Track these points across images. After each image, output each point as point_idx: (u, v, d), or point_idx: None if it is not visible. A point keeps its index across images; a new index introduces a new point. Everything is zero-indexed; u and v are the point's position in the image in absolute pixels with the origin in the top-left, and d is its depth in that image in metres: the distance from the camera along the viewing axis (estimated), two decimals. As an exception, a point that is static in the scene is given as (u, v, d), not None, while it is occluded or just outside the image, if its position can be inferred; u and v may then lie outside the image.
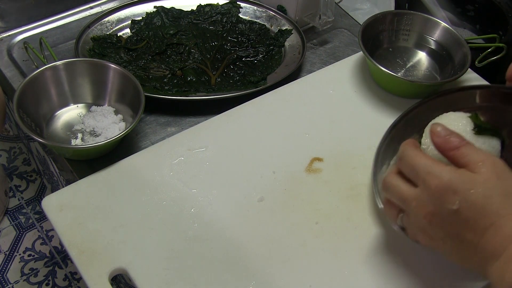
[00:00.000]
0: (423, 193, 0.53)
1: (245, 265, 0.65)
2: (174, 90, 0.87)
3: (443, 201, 0.52)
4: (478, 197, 0.51)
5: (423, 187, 0.53)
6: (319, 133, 0.80)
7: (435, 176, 0.52)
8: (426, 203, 0.53)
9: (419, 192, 0.54)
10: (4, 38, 0.96)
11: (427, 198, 0.53)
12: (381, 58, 0.89)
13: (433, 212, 0.52)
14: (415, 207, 0.54)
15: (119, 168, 0.74)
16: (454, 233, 0.52)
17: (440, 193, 0.52)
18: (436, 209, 0.52)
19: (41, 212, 1.47)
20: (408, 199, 0.55)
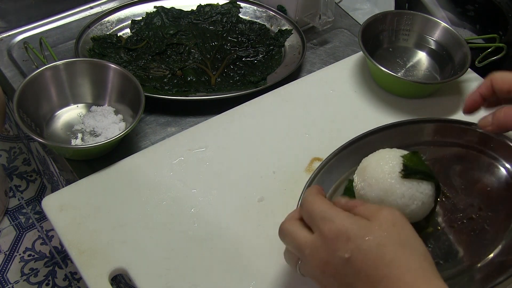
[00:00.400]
0: (317, 240, 0.51)
1: (245, 265, 0.65)
2: (174, 90, 0.87)
3: (336, 248, 0.49)
4: (372, 246, 0.48)
5: (317, 233, 0.51)
6: (319, 133, 0.80)
7: (328, 220, 0.50)
8: (319, 250, 0.50)
9: (314, 238, 0.51)
10: (4, 38, 0.96)
11: (321, 244, 0.50)
12: (381, 58, 0.89)
13: (326, 261, 0.50)
14: (308, 254, 0.51)
15: (119, 168, 0.74)
16: (347, 284, 0.49)
17: (333, 239, 0.49)
18: (328, 257, 0.49)
19: (41, 212, 1.47)
20: (302, 246, 0.52)
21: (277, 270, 0.65)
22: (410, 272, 0.47)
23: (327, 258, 0.50)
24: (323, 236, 0.50)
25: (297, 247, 0.53)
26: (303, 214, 0.54)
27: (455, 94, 0.86)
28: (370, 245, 0.48)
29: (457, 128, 0.73)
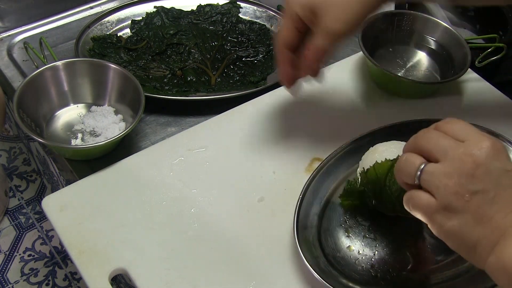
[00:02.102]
0: (473, 145, 0.50)
1: (245, 265, 0.65)
2: (174, 90, 0.87)
3: (497, 158, 0.49)
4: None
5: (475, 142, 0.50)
6: (319, 133, 0.80)
7: (491, 138, 0.50)
8: (478, 154, 0.49)
9: (468, 143, 0.50)
10: (4, 38, 0.96)
11: (478, 151, 0.49)
12: (381, 58, 0.89)
13: (483, 164, 0.48)
14: (462, 153, 0.49)
15: (119, 168, 0.74)
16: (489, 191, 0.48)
17: (495, 151, 0.49)
18: (486, 162, 0.49)
19: (41, 212, 1.47)
20: (453, 146, 0.50)
21: (277, 270, 0.65)
22: None
23: (485, 163, 0.49)
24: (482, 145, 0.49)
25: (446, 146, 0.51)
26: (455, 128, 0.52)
27: (455, 94, 0.86)
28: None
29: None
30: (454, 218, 0.49)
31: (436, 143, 0.51)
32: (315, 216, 0.68)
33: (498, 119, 0.81)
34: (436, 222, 0.51)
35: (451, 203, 0.49)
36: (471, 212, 0.49)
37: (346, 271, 0.63)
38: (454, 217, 0.49)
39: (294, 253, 0.66)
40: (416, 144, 0.53)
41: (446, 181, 0.49)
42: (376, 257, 0.65)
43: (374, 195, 0.65)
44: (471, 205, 0.49)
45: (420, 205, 0.52)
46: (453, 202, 0.49)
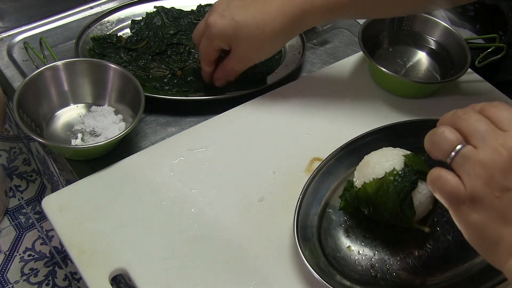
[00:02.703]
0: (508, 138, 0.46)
1: (245, 265, 0.65)
2: (174, 90, 0.87)
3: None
4: None
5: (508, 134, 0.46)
6: (319, 133, 0.80)
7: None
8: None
9: (508, 135, 0.46)
10: (4, 38, 0.96)
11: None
12: (381, 58, 0.89)
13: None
14: (500, 144, 0.46)
15: (119, 168, 0.74)
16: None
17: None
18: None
19: (41, 212, 1.47)
20: (492, 134, 0.46)
21: (277, 270, 0.65)
22: None
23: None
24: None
25: (486, 130, 0.47)
26: (498, 110, 0.48)
27: (455, 94, 0.86)
28: None
29: None
30: (480, 212, 0.46)
31: (475, 127, 0.47)
32: (315, 216, 0.68)
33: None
34: (460, 212, 0.48)
35: (480, 195, 0.46)
36: (499, 210, 0.45)
37: (346, 271, 0.63)
38: (480, 210, 0.46)
39: (294, 253, 0.66)
40: (454, 122, 0.50)
41: (479, 171, 0.46)
42: (376, 257, 0.65)
43: (369, 211, 0.65)
44: (501, 202, 0.45)
45: (446, 189, 0.48)
46: (482, 195, 0.46)
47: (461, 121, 0.49)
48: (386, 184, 0.62)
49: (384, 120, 0.78)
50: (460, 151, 0.47)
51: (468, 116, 0.49)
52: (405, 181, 0.61)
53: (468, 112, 0.49)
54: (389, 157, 0.63)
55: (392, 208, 0.62)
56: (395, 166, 0.62)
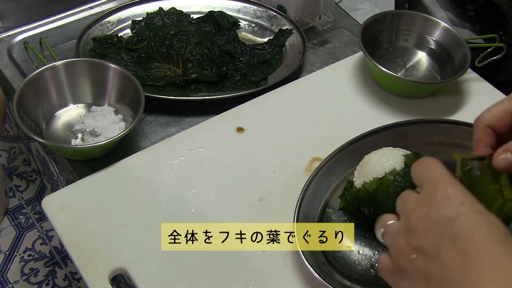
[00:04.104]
0: (424, 196, 0.46)
1: (245, 265, 0.65)
2: (174, 90, 0.87)
3: (443, 207, 0.44)
4: (483, 221, 0.43)
5: (428, 192, 0.46)
6: (319, 133, 0.80)
7: (446, 182, 0.45)
8: (423, 204, 0.45)
9: (422, 195, 0.47)
10: (4, 38, 0.96)
11: (426, 200, 0.46)
12: (381, 58, 0.89)
13: (425, 214, 0.45)
14: (410, 208, 0.46)
15: (119, 168, 0.74)
16: (435, 246, 0.43)
17: (444, 198, 0.44)
18: (430, 212, 0.44)
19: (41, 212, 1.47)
20: (408, 201, 0.47)
21: (277, 270, 0.65)
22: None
23: (428, 213, 0.44)
24: (433, 194, 0.45)
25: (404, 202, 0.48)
26: (416, 172, 0.48)
27: (455, 94, 0.86)
28: (481, 219, 0.43)
29: (457, 129, 0.73)
30: (406, 280, 0.45)
31: (401, 197, 0.49)
32: (315, 216, 0.68)
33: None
34: (393, 286, 0.47)
35: (399, 263, 0.45)
36: (419, 273, 0.44)
37: (346, 271, 0.63)
38: (406, 278, 0.45)
39: (294, 253, 0.66)
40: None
41: (395, 240, 0.46)
42: (376, 257, 0.65)
43: (369, 211, 0.65)
44: (417, 264, 0.44)
45: (380, 267, 0.48)
46: (401, 262, 0.45)
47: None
48: (386, 184, 0.62)
49: (384, 120, 0.78)
50: (387, 227, 0.48)
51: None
52: (405, 180, 0.61)
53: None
54: (389, 157, 0.63)
55: (392, 208, 0.61)
56: (395, 166, 0.62)
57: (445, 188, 0.45)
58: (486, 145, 0.53)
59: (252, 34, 0.99)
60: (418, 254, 0.44)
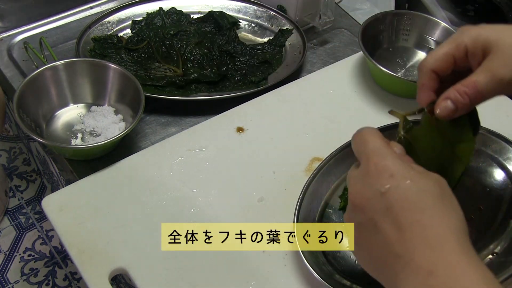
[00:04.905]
0: (360, 171, 0.48)
1: (245, 265, 0.65)
2: (174, 90, 0.87)
3: (375, 181, 0.45)
4: (413, 188, 0.44)
5: (363, 165, 0.48)
6: (319, 133, 0.80)
7: (379, 155, 0.47)
8: (358, 181, 0.47)
9: (359, 170, 0.48)
10: (4, 38, 0.96)
11: (361, 175, 0.47)
12: (381, 58, 0.89)
13: (360, 191, 0.46)
14: (351, 185, 0.48)
15: (119, 168, 0.74)
16: (372, 221, 0.45)
17: (375, 173, 0.46)
18: (364, 188, 0.46)
19: (41, 212, 1.47)
20: (350, 177, 0.49)
21: (277, 270, 0.65)
22: (444, 228, 0.43)
23: (362, 189, 0.46)
24: (367, 169, 0.47)
25: (347, 177, 0.50)
26: (355, 144, 0.50)
27: (455, 94, 0.86)
28: (411, 187, 0.44)
29: None
30: (357, 250, 0.48)
31: (348, 173, 0.50)
32: (315, 216, 0.68)
33: (498, 119, 0.81)
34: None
35: (350, 236, 0.48)
36: (365, 247, 0.47)
37: (346, 271, 0.63)
38: (356, 249, 0.48)
39: (294, 252, 0.66)
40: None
41: (345, 216, 0.49)
42: (376, 257, 0.65)
43: None
44: (361, 240, 0.47)
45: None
46: (356, 237, 0.48)
47: None
48: None
49: (384, 120, 0.78)
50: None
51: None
52: None
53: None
54: None
55: None
56: None
57: (376, 162, 0.46)
58: (430, 89, 0.55)
59: (252, 34, 0.99)
60: (360, 229, 0.46)
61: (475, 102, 0.52)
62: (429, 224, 0.43)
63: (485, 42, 0.53)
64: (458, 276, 0.40)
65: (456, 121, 0.53)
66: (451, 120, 0.53)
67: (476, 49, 0.53)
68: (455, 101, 0.52)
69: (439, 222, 0.43)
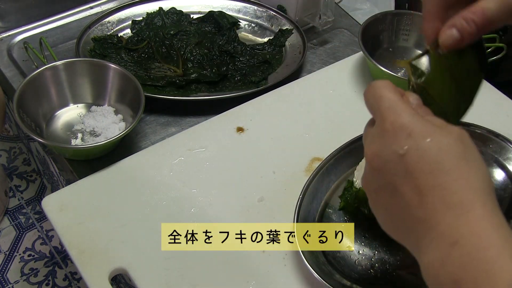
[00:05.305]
0: (376, 130, 0.45)
1: (245, 265, 0.65)
2: (174, 90, 0.87)
3: (392, 142, 0.43)
4: (433, 148, 0.41)
5: (378, 123, 0.45)
6: (319, 133, 0.80)
7: (394, 112, 0.44)
8: (375, 140, 0.44)
9: (375, 128, 0.45)
10: (4, 38, 0.96)
11: (378, 135, 0.44)
12: (381, 58, 0.89)
13: (377, 153, 0.44)
14: (367, 144, 0.45)
15: (119, 168, 0.74)
16: (391, 184, 0.43)
17: (392, 132, 0.43)
18: (381, 149, 0.43)
19: (41, 212, 1.47)
20: (367, 135, 0.47)
21: (277, 270, 0.65)
22: (469, 192, 0.40)
23: (379, 149, 0.43)
24: (383, 128, 0.44)
25: (363, 139, 0.47)
26: (367, 100, 0.47)
27: (455, 94, 0.86)
28: (431, 147, 0.41)
29: None
30: (378, 215, 0.47)
31: (364, 130, 0.48)
32: (315, 216, 0.68)
33: (498, 119, 0.81)
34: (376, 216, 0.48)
35: (371, 201, 0.47)
36: (384, 210, 0.45)
37: (346, 271, 0.63)
38: (377, 214, 0.47)
39: (294, 252, 0.66)
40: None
41: (363, 178, 0.47)
42: (376, 257, 0.65)
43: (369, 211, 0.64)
44: (380, 202, 0.45)
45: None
46: (371, 200, 0.46)
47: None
48: None
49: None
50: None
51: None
52: None
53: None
54: None
55: None
56: None
57: (393, 121, 0.43)
58: (436, 17, 0.50)
59: (252, 34, 0.99)
60: (380, 192, 0.44)
61: (483, 31, 0.48)
62: (453, 189, 0.40)
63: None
64: (483, 247, 0.38)
65: (461, 55, 0.49)
66: (456, 55, 0.49)
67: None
68: (460, 29, 0.47)
69: (463, 185, 0.40)
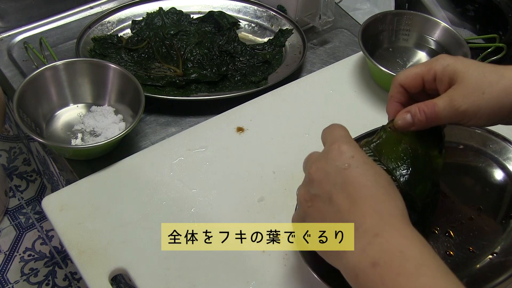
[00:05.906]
0: (323, 152, 0.53)
1: (245, 265, 0.65)
2: (174, 90, 0.87)
3: (337, 159, 0.51)
4: (370, 170, 0.50)
5: (326, 148, 0.53)
6: (319, 133, 0.80)
7: (343, 140, 0.53)
8: (320, 159, 0.53)
9: (322, 151, 0.54)
10: (4, 38, 0.96)
11: (323, 155, 0.53)
12: (381, 58, 0.89)
13: (321, 167, 0.52)
14: (311, 163, 0.54)
15: (119, 168, 0.74)
16: (328, 193, 0.50)
17: (338, 152, 0.51)
18: (325, 164, 0.52)
19: (41, 212, 1.47)
20: (311, 158, 0.55)
21: (277, 270, 0.65)
22: (394, 206, 0.49)
23: (323, 165, 0.52)
24: (330, 149, 0.52)
25: (307, 162, 0.56)
26: (323, 135, 0.56)
27: (455, 94, 0.86)
28: (369, 169, 0.50)
29: (456, 129, 0.73)
30: (307, 221, 0.53)
31: (307, 157, 0.56)
32: None
33: (498, 119, 0.81)
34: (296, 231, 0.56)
35: (301, 210, 0.53)
36: (317, 215, 0.52)
37: (346, 271, 0.63)
38: (307, 220, 0.53)
39: (294, 253, 0.66)
40: None
41: (299, 191, 0.54)
42: (376, 257, 0.65)
43: None
44: (314, 209, 0.52)
45: (292, 220, 0.56)
46: (302, 208, 0.53)
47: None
48: None
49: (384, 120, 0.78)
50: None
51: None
52: None
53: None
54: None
55: None
56: None
57: (340, 144, 0.52)
58: (397, 101, 0.61)
59: (252, 34, 0.99)
60: (315, 200, 0.51)
61: (431, 122, 0.57)
62: (382, 200, 0.49)
63: (452, 72, 0.58)
64: (400, 238, 0.46)
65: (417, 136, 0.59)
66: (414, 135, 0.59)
67: (444, 77, 0.58)
68: (413, 115, 0.58)
69: (390, 200, 0.49)
